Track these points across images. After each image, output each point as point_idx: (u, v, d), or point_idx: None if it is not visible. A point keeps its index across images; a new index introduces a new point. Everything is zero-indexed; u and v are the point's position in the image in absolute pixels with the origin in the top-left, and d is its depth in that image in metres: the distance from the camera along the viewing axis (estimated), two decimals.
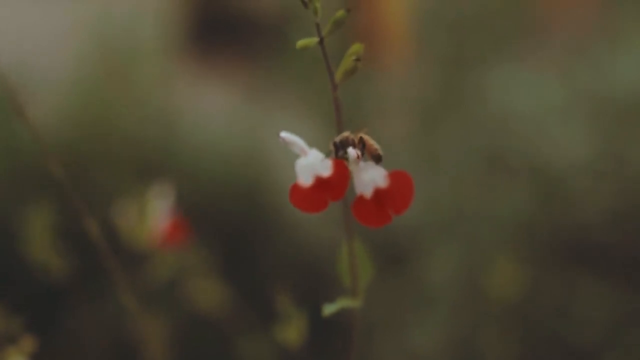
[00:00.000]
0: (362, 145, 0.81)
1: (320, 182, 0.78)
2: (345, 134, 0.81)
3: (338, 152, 0.81)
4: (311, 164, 0.79)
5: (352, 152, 0.79)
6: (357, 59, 0.78)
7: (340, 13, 0.77)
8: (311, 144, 0.92)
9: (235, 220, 2.11)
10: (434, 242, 2.05)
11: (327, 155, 0.81)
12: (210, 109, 2.50)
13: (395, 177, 0.79)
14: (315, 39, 0.77)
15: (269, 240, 2.11)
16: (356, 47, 0.78)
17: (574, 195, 2.09)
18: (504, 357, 1.83)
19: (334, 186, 0.78)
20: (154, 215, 1.39)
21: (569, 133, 2.16)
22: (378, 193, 0.79)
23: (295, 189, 0.79)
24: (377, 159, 0.81)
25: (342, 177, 0.78)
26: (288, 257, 2.09)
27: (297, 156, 0.80)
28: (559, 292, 1.97)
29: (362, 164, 0.79)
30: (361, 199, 0.79)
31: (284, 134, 0.80)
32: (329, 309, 0.87)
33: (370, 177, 0.79)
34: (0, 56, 1.00)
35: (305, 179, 0.79)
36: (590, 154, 2.12)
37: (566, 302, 1.96)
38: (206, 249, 1.62)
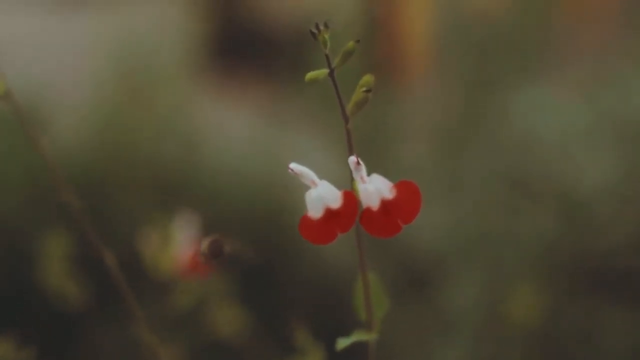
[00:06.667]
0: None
1: (329, 214, 0.77)
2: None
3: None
4: (321, 196, 0.77)
5: (351, 158, 0.77)
6: (368, 90, 0.77)
7: (350, 44, 0.76)
8: (333, 166, 0.90)
9: (256, 245, 2.10)
10: (457, 267, 2.04)
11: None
12: (232, 130, 2.49)
13: (402, 186, 0.78)
14: (325, 71, 0.76)
15: (291, 265, 2.10)
16: (366, 79, 0.77)
17: (598, 220, 2.07)
18: None
19: (343, 218, 0.77)
20: (177, 243, 1.38)
21: (593, 157, 2.14)
22: (385, 204, 0.77)
23: (305, 220, 0.78)
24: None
25: (351, 208, 0.77)
26: (310, 283, 2.08)
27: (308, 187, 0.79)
28: (582, 319, 1.95)
29: (366, 177, 0.78)
30: (368, 211, 0.78)
31: (293, 165, 0.78)
32: (342, 344, 0.85)
33: (375, 189, 0.77)
34: (13, 82, 0.98)
35: (315, 212, 0.78)
36: (615, 178, 2.10)
37: (589, 329, 1.94)
38: (228, 275, 1.61)
